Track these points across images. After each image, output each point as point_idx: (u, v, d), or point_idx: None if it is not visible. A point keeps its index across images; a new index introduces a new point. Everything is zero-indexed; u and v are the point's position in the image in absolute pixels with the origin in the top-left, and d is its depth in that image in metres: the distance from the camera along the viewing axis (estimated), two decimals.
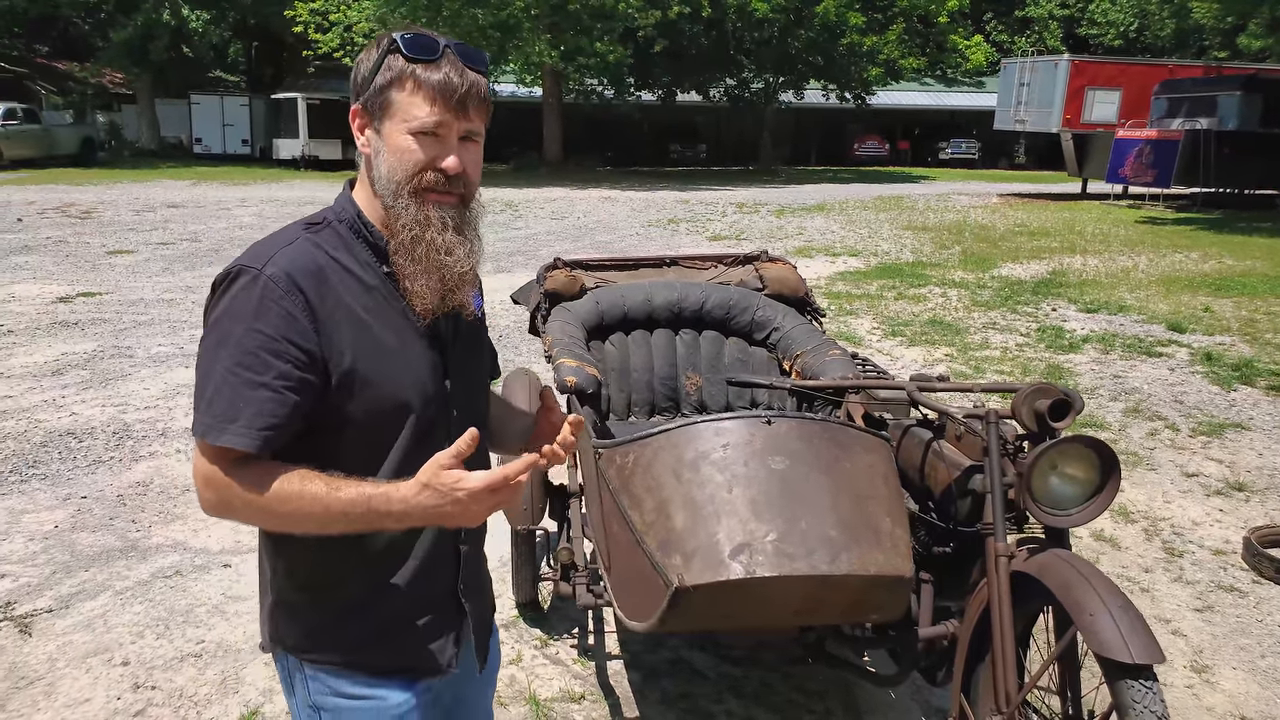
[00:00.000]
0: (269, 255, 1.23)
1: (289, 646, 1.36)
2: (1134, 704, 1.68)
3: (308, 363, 1.21)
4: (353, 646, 1.34)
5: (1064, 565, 1.89)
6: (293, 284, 1.21)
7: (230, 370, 1.19)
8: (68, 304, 8.20)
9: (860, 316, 8.11)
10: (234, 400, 1.18)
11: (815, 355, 2.95)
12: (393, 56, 1.25)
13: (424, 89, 1.23)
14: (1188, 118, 18.21)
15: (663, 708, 2.69)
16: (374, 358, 1.26)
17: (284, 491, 1.18)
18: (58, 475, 4.41)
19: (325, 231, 1.29)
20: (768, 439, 2.06)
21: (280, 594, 1.36)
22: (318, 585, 1.33)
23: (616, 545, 2.26)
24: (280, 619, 1.37)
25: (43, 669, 2.86)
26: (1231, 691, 2.83)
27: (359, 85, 1.29)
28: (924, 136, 36.06)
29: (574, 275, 3.33)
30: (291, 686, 1.39)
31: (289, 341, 1.19)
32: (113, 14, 27.35)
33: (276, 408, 1.19)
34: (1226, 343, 7.25)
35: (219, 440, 1.18)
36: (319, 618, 1.34)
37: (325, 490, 1.18)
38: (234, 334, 1.19)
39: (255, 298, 1.20)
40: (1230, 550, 3.79)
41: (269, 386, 1.18)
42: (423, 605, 1.37)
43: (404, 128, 1.24)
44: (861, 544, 1.95)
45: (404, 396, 1.28)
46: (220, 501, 1.21)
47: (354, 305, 1.25)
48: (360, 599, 1.33)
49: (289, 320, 1.20)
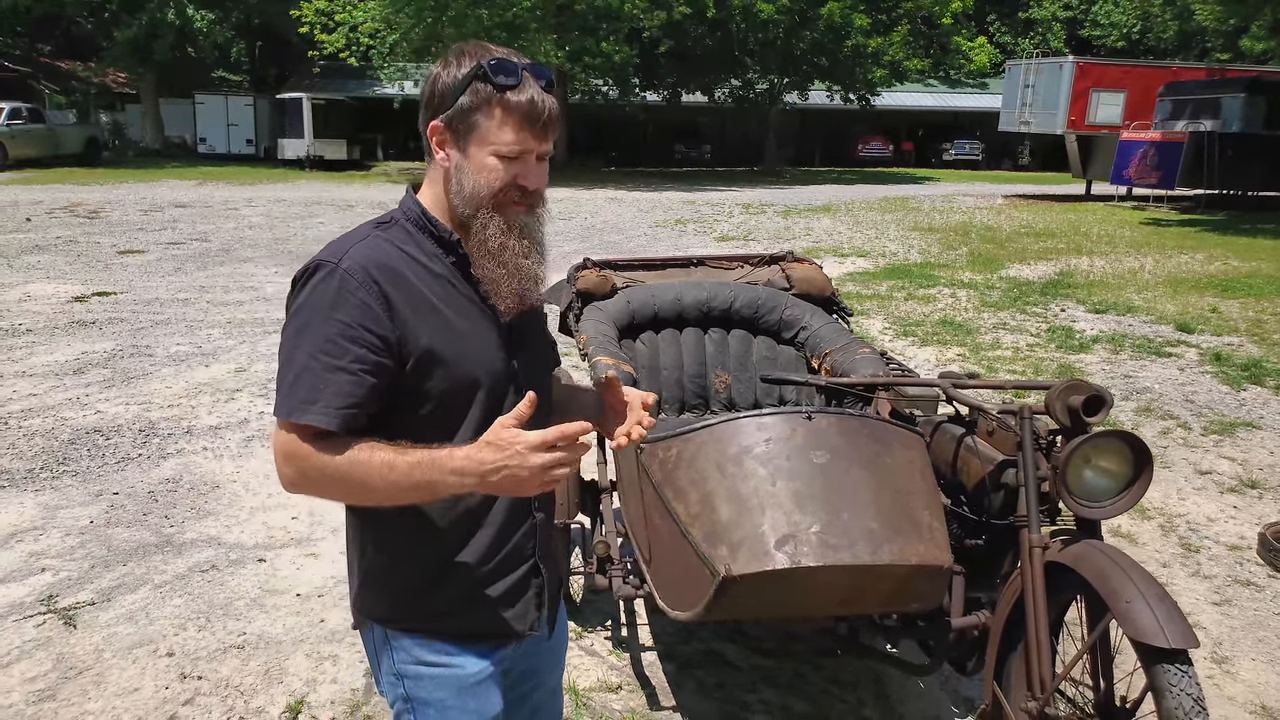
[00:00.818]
0: (345, 250, 1.33)
1: (377, 617, 1.45)
2: (1171, 686, 1.75)
3: (383, 348, 1.30)
4: (436, 613, 1.43)
5: (1099, 555, 1.96)
6: (368, 275, 1.30)
7: (312, 355, 1.28)
8: (83, 303, 8.27)
9: (871, 317, 8.17)
10: (315, 384, 1.27)
11: (844, 353, 3.02)
12: (480, 82, 1.32)
13: (511, 116, 1.32)
14: (1192, 120, 18.26)
15: (699, 697, 2.76)
16: (447, 339, 1.35)
17: (355, 459, 1.26)
18: (88, 472, 4.48)
19: (394, 229, 1.40)
20: (809, 434, 2.13)
21: (369, 568, 1.44)
22: (403, 555, 1.41)
23: (658, 537, 2.32)
24: (368, 593, 1.45)
25: (90, 659, 2.93)
26: (1251, 681, 2.90)
27: (438, 102, 1.36)
28: (928, 138, 36.12)
29: (604, 275, 3.39)
30: (379, 660, 1.48)
31: (364, 329, 1.29)
32: (117, 13, 27.42)
33: (354, 388, 1.28)
34: (1235, 343, 7.31)
35: (303, 419, 1.26)
36: (405, 585, 1.42)
37: (393, 455, 1.26)
38: (313, 323, 1.29)
39: (333, 289, 1.29)
40: (1245, 545, 3.86)
41: (347, 370, 1.28)
42: (503, 571, 1.45)
43: (489, 150, 1.34)
44: (903, 535, 2.02)
45: (476, 374, 1.37)
46: (299, 475, 1.29)
47: (426, 292, 1.35)
48: (443, 566, 1.41)
49: (364, 309, 1.29)
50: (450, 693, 1.44)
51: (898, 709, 2.72)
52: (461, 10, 22.25)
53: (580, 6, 21.85)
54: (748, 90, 29.30)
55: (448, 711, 1.45)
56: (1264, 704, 2.78)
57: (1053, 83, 20.99)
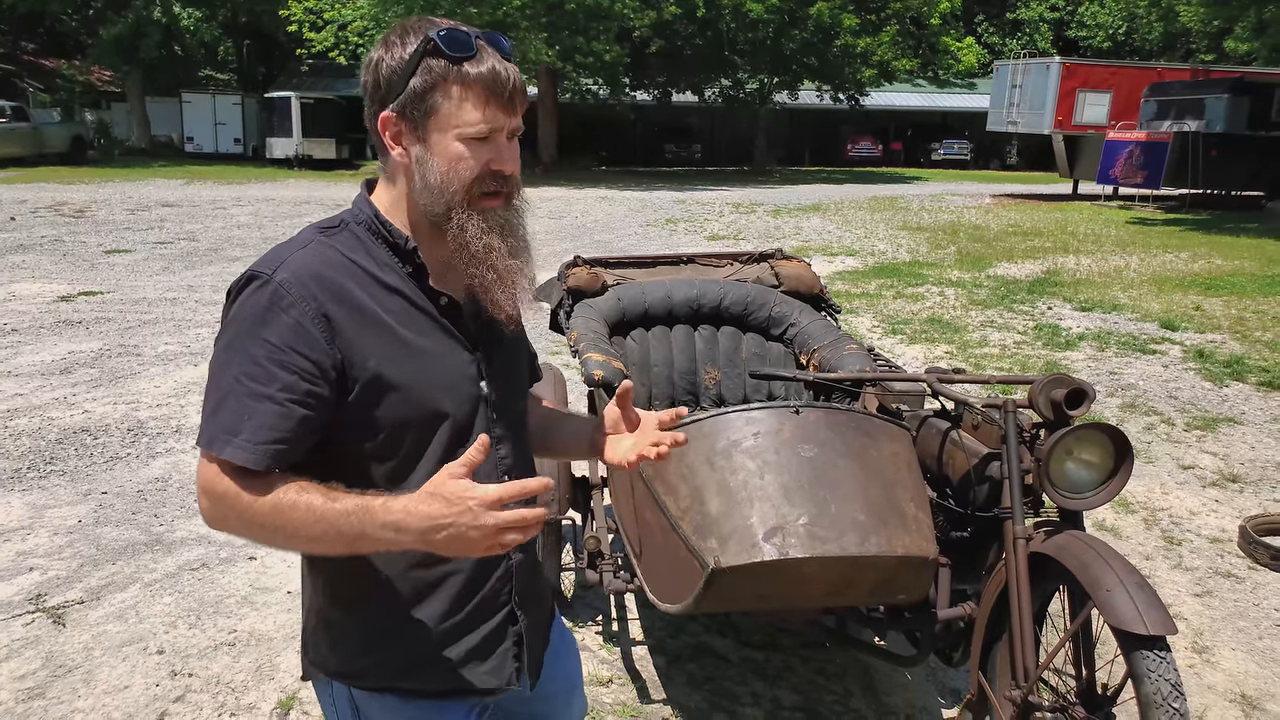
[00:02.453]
0: (282, 259, 1.18)
1: (333, 672, 1.29)
2: (1149, 672, 1.78)
3: (317, 375, 1.14)
4: (403, 669, 1.26)
5: (1081, 545, 1.99)
6: (305, 290, 1.15)
7: (236, 379, 1.13)
8: (70, 303, 8.23)
9: (860, 315, 8.22)
10: (239, 412, 1.12)
11: (832, 350, 3.05)
12: (430, 58, 1.16)
13: (472, 91, 1.16)
14: (1176, 120, 18.42)
15: (689, 690, 2.79)
16: (401, 361, 1.19)
17: (280, 504, 1.10)
18: (76, 471, 4.47)
19: (341, 234, 1.24)
20: (797, 428, 2.15)
21: (321, 614, 1.28)
22: (360, 601, 1.25)
23: (648, 531, 2.35)
24: (322, 642, 1.29)
25: (79, 658, 2.93)
26: (1231, 670, 2.95)
27: (385, 90, 1.19)
28: (916, 137, 36.28)
29: (595, 272, 3.41)
30: (333, 712, 1.32)
31: (295, 352, 1.13)
32: (102, 11, 27.27)
33: (280, 421, 1.12)
34: (1217, 340, 7.39)
35: (222, 453, 1.12)
36: (364, 638, 1.26)
37: (321, 501, 1.09)
38: (240, 341, 1.14)
39: (264, 305, 1.14)
40: (1226, 538, 3.91)
41: (273, 399, 1.12)
42: (475, 621, 1.29)
43: (454, 134, 1.18)
44: (889, 527, 2.05)
45: (436, 400, 1.21)
46: (217, 514, 1.14)
47: (375, 308, 1.19)
48: (406, 615, 1.25)
49: (297, 330, 1.14)
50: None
51: (885, 700, 2.76)
52: (450, 9, 22.21)
53: (571, 6, 21.85)
54: (738, 90, 29.35)
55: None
56: (1243, 692, 2.83)
57: (1040, 83, 21.13)
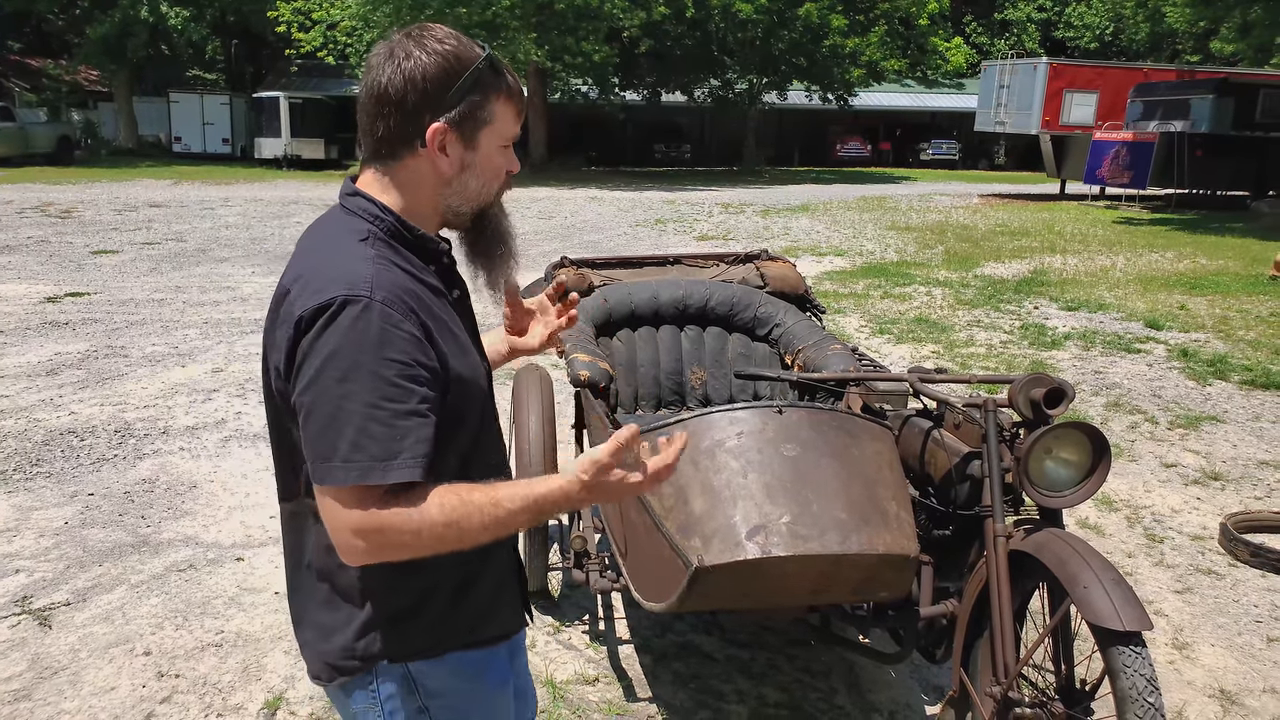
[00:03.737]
0: (365, 277, 1.17)
1: (401, 655, 1.31)
2: (1125, 668, 1.81)
3: (435, 380, 1.20)
4: (464, 629, 1.35)
5: (1059, 542, 2.02)
6: (405, 305, 1.18)
7: (374, 405, 1.13)
8: (56, 304, 8.19)
9: (848, 315, 8.26)
10: (389, 435, 1.12)
11: (817, 350, 3.07)
12: (489, 73, 1.24)
13: (513, 103, 1.27)
14: (1162, 120, 18.56)
15: (674, 688, 2.81)
16: (460, 354, 1.28)
17: (450, 508, 1.15)
18: (62, 473, 4.45)
19: (376, 243, 1.25)
20: (780, 427, 2.17)
21: (380, 608, 1.29)
22: (426, 586, 1.31)
23: (633, 531, 2.37)
24: (382, 634, 1.30)
25: (66, 659, 2.93)
26: (1210, 666, 2.99)
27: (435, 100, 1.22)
28: (905, 137, 36.44)
29: (582, 273, 3.43)
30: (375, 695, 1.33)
31: (420, 365, 1.17)
32: (88, 10, 27.11)
33: (429, 431, 1.16)
34: (1201, 339, 7.46)
35: (386, 479, 1.12)
36: (435, 613, 1.32)
37: (488, 500, 1.18)
38: (363, 367, 1.13)
39: (376, 327, 1.14)
40: (1208, 536, 3.96)
41: (418, 413, 1.15)
42: (501, 570, 1.41)
43: (498, 142, 1.28)
44: (870, 525, 2.07)
45: (481, 382, 1.33)
46: (385, 546, 1.15)
47: (436, 310, 1.26)
48: (463, 583, 1.34)
49: (415, 342, 1.17)
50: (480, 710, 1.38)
51: (869, 697, 2.78)
52: (440, 9, 22.17)
53: (560, 6, 21.85)
54: (727, 90, 29.41)
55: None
56: (1222, 687, 2.87)
57: (1027, 83, 21.26)
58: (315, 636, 1.33)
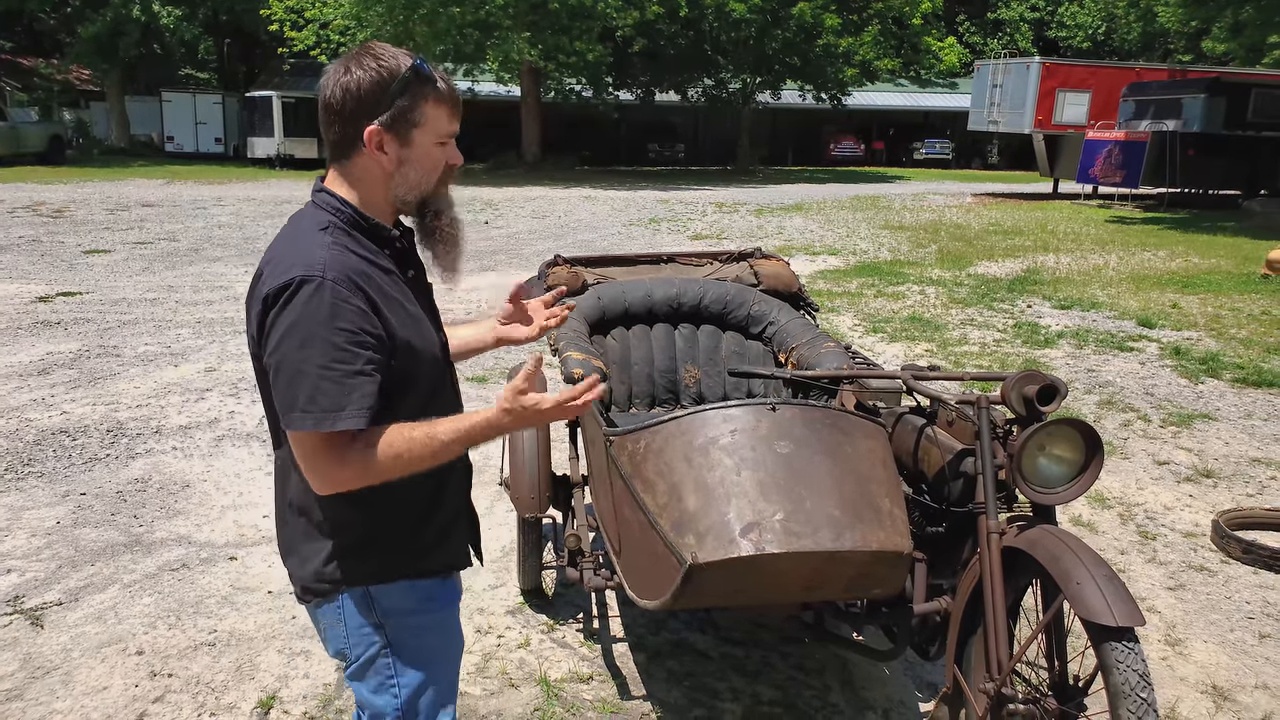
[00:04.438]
0: (320, 260, 1.40)
1: (361, 580, 1.55)
2: (1118, 663, 1.81)
3: (380, 346, 1.42)
4: (421, 552, 1.59)
5: (1052, 539, 2.02)
6: (353, 283, 1.40)
7: (325, 367, 1.36)
8: (48, 304, 8.15)
9: (842, 314, 8.27)
10: (338, 391, 1.37)
11: (810, 348, 3.07)
12: (415, 81, 1.45)
13: (444, 104, 1.48)
14: (1154, 119, 18.63)
15: (668, 686, 2.81)
16: (411, 326, 1.49)
17: (395, 443, 1.40)
18: (54, 473, 4.43)
19: (336, 232, 1.47)
20: (773, 425, 2.17)
21: (349, 535, 1.54)
22: (391, 517, 1.55)
23: (627, 528, 2.36)
24: (346, 561, 1.54)
25: (58, 659, 2.91)
26: (1203, 662, 3.00)
27: (369, 107, 1.43)
28: (898, 137, 36.49)
29: (575, 271, 3.43)
30: (343, 618, 1.58)
31: (366, 332, 1.40)
32: (80, 9, 26.98)
33: (373, 387, 1.40)
34: (1194, 338, 7.49)
35: (335, 426, 1.36)
36: (390, 542, 1.56)
37: (425, 434, 1.42)
38: (317, 335, 1.36)
39: (327, 301, 1.37)
40: (1200, 533, 3.97)
41: (363, 373, 1.39)
42: (451, 512, 1.65)
43: (433, 139, 1.48)
44: (864, 522, 2.07)
45: (434, 352, 1.55)
46: (340, 476, 1.41)
47: (387, 288, 1.47)
48: (420, 516, 1.59)
49: (361, 314, 1.40)
50: (432, 634, 1.63)
51: (863, 694, 2.79)
52: (433, 8, 22.13)
53: (554, 5, 21.82)
54: (721, 89, 29.41)
55: (425, 649, 1.62)
56: (1214, 684, 2.88)
57: (1020, 83, 21.31)
58: (296, 564, 1.59)
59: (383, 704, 1.61)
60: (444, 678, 1.66)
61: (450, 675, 1.69)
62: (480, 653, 2.98)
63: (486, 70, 25.39)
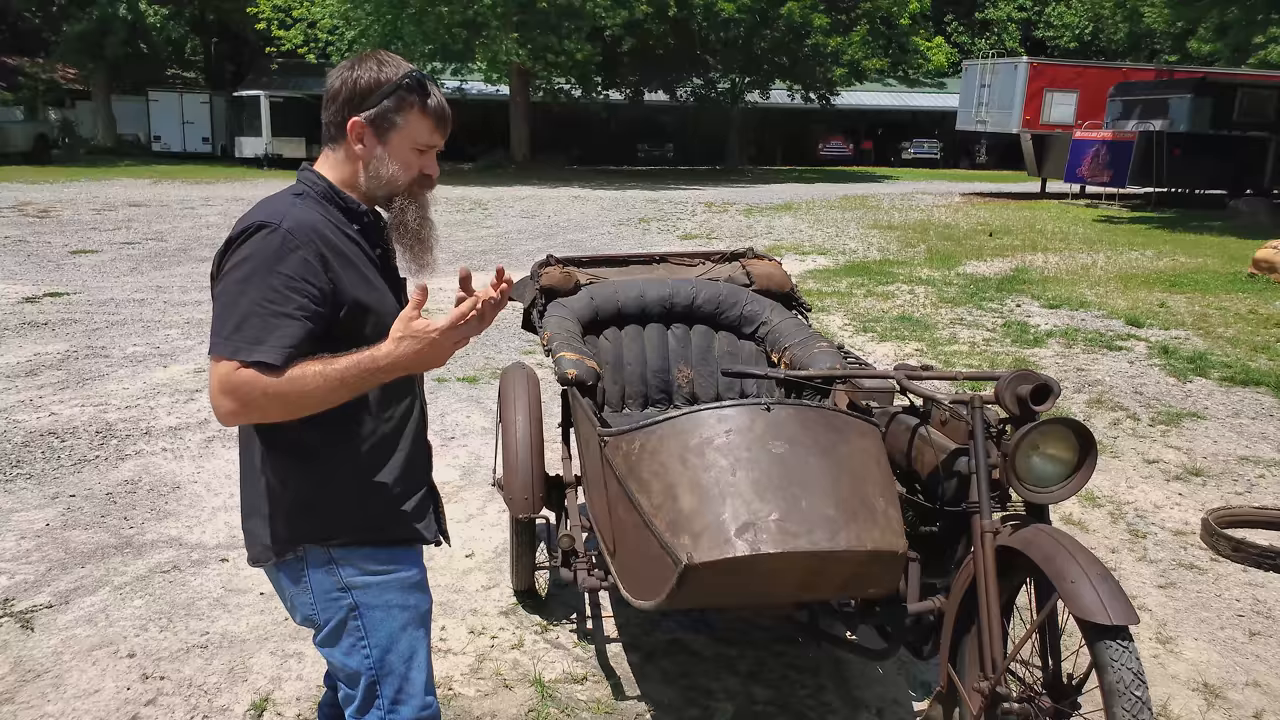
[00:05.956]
0: (282, 212, 1.54)
1: (313, 538, 1.64)
2: (1112, 661, 1.83)
3: (320, 298, 1.52)
4: (375, 522, 1.67)
5: (1046, 538, 2.04)
6: (306, 235, 1.53)
7: (257, 303, 1.47)
8: (35, 304, 8.09)
9: (831, 313, 8.29)
10: (262, 327, 1.46)
11: (803, 348, 3.08)
12: (404, 89, 1.60)
13: (428, 117, 1.63)
14: (1141, 119, 18.74)
15: (663, 685, 2.81)
16: (368, 292, 1.62)
17: (291, 376, 1.47)
18: (43, 475, 4.40)
19: (307, 199, 1.62)
20: (768, 425, 2.18)
21: (298, 497, 1.63)
22: (330, 478, 1.63)
23: (622, 529, 2.36)
24: (298, 518, 1.63)
25: (49, 662, 2.89)
26: (1194, 660, 3.02)
27: (359, 101, 1.60)
28: (887, 136, 36.58)
29: (568, 272, 3.42)
30: (308, 582, 1.66)
31: (305, 281, 1.50)
32: (66, 8, 26.78)
33: (296, 331, 1.48)
34: (1182, 336, 7.54)
35: (251, 357, 1.45)
36: (340, 503, 1.64)
37: (322, 366, 1.48)
38: (259, 273, 1.48)
39: (277, 245, 1.50)
40: (1189, 531, 4.00)
41: (291, 316, 1.48)
42: (413, 488, 1.73)
43: (410, 144, 1.63)
44: (858, 521, 2.08)
45: (389, 319, 1.58)
46: (242, 406, 1.47)
47: (346, 252, 1.60)
48: (373, 483, 1.67)
49: (305, 264, 1.51)
50: (396, 594, 1.70)
51: (857, 693, 2.79)
52: (421, 7, 22.07)
53: (542, 4, 21.78)
54: (710, 89, 29.43)
55: (392, 610, 1.69)
56: (1205, 681, 2.90)
57: (1008, 83, 21.41)
58: (254, 525, 1.68)
59: (356, 664, 1.68)
60: (414, 633, 1.72)
61: (419, 630, 1.74)
62: (474, 654, 2.97)
63: (475, 70, 25.35)
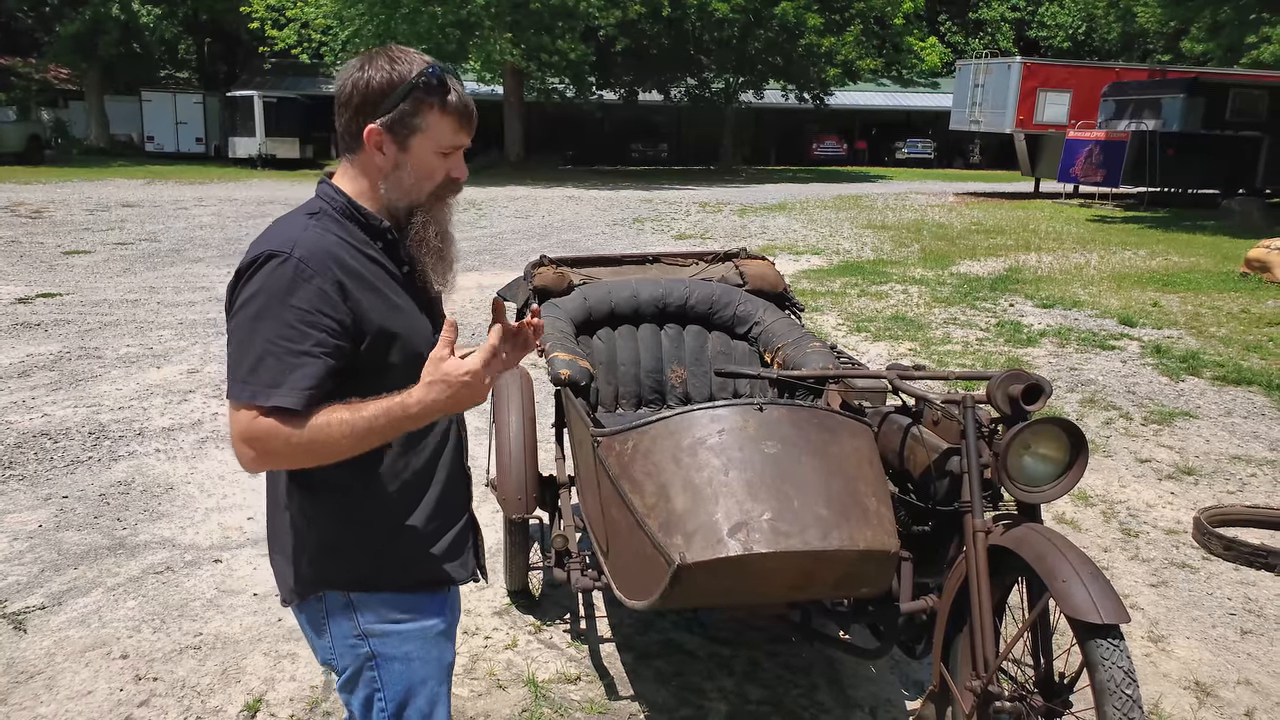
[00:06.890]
0: (293, 239, 1.40)
1: (338, 584, 1.53)
2: (1103, 660, 1.83)
3: (339, 331, 1.39)
4: (402, 566, 1.55)
5: (1038, 537, 2.04)
6: (320, 263, 1.39)
7: (271, 342, 1.35)
8: (27, 305, 8.06)
9: (825, 313, 8.30)
10: (278, 368, 1.34)
11: (796, 348, 3.09)
12: (422, 90, 1.44)
13: (450, 116, 1.47)
14: (1134, 119, 18.80)
15: (656, 686, 2.81)
16: (393, 316, 1.47)
17: (316, 424, 1.35)
18: (35, 476, 4.39)
19: (323, 218, 1.48)
20: (760, 425, 2.18)
21: (321, 535, 1.52)
22: (362, 520, 1.52)
23: (615, 529, 2.37)
24: (322, 560, 1.52)
25: (41, 664, 2.88)
26: (1185, 658, 3.03)
27: (373, 106, 1.44)
28: (881, 136, 36.63)
29: (561, 272, 3.42)
30: (327, 626, 1.56)
31: (322, 314, 1.37)
32: (59, 7, 26.68)
33: (317, 369, 1.36)
34: (1174, 336, 7.57)
35: (269, 402, 1.33)
36: (367, 545, 1.52)
37: (349, 414, 1.36)
38: (271, 309, 1.36)
39: (289, 277, 1.36)
40: (1182, 530, 4.02)
41: (310, 354, 1.36)
42: (448, 523, 1.60)
43: (433, 148, 1.47)
44: (851, 521, 2.08)
45: (418, 346, 1.49)
46: (264, 455, 1.36)
47: (367, 275, 1.46)
48: (401, 525, 1.54)
49: (321, 295, 1.37)
50: (416, 645, 1.58)
51: (850, 693, 2.80)
52: (414, 7, 22.04)
53: (535, 4, 21.77)
54: (704, 89, 29.43)
55: (412, 663, 1.58)
56: (1197, 680, 2.91)
57: (1001, 83, 21.45)
58: (279, 564, 1.58)
59: (371, 717, 1.59)
60: (436, 688, 1.62)
61: (440, 686, 1.63)
62: (467, 654, 2.97)
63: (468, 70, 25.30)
